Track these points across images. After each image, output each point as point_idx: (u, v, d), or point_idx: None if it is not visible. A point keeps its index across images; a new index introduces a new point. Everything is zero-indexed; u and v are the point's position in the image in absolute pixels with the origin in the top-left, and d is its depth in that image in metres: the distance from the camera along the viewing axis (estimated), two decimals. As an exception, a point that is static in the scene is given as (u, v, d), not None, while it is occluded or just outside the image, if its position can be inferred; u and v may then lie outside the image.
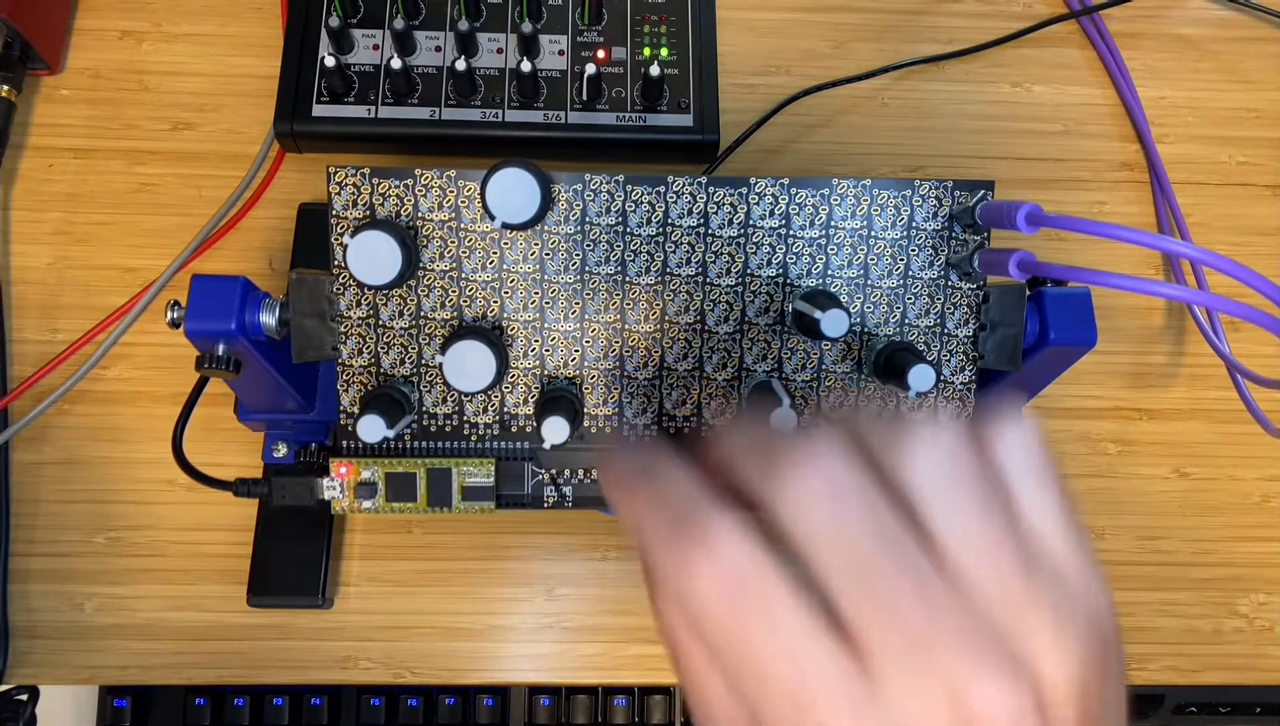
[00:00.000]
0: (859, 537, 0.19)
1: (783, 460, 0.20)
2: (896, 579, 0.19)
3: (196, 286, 0.36)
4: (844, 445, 0.20)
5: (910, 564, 0.19)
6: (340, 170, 0.36)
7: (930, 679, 0.18)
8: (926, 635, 0.19)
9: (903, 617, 0.19)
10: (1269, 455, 0.49)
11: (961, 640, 0.19)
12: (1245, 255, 0.52)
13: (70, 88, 0.50)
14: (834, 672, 0.19)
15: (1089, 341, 0.38)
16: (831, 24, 0.55)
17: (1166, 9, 0.56)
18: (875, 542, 0.19)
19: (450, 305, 0.37)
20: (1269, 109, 0.54)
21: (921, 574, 0.19)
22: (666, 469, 0.22)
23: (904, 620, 0.19)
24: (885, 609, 0.19)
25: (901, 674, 0.18)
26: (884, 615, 0.19)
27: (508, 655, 0.45)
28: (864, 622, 0.19)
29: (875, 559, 0.19)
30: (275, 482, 0.39)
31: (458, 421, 0.39)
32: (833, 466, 0.20)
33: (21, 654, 0.44)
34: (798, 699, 0.19)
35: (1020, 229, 0.34)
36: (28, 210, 0.49)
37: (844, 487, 0.19)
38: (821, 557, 0.19)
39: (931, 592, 0.19)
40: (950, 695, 0.18)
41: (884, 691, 0.19)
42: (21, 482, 0.45)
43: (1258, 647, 0.47)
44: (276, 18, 0.52)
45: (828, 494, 0.19)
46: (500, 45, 0.49)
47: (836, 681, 0.19)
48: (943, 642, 0.19)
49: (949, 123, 0.53)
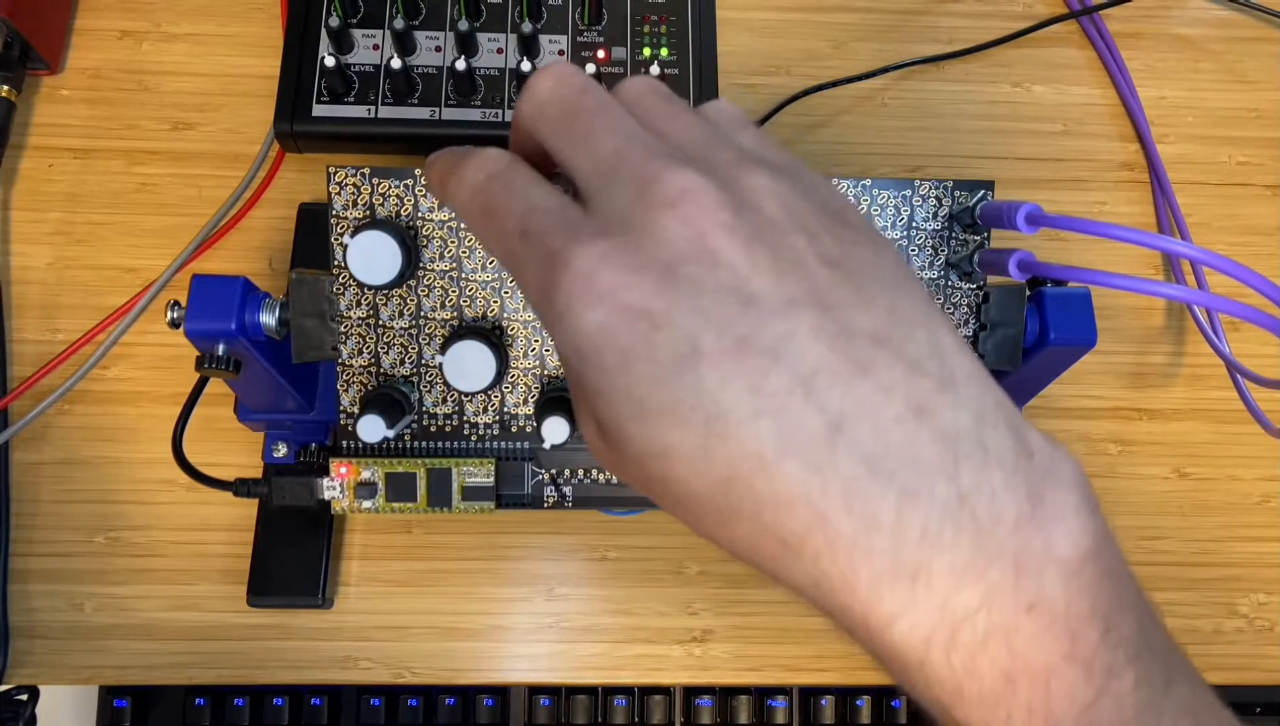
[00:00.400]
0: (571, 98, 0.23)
1: None
2: (598, 120, 0.22)
3: (196, 286, 0.36)
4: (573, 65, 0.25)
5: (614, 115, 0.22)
6: (340, 170, 0.36)
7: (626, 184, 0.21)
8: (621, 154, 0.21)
9: (603, 147, 0.22)
10: (1269, 455, 0.49)
11: (653, 152, 0.21)
12: (1245, 255, 0.52)
13: (70, 88, 0.50)
14: (554, 205, 0.22)
15: (1089, 341, 0.38)
16: (831, 24, 0.55)
17: (1166, 9, 0.56)
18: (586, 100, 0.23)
19: (450, 305, 0.37)
20: (1269, 109, 0.54)
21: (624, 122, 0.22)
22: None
23: (604, 149, 0.22)
24: (587, 144, 0.22)
25: (603, 187, 0.21)
26: (587, 149, 0.22)
27: (508, 655, 0.45)
28: (574, 161, 0.22)
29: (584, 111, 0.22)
30: (275, 482, 0.39)
31: (458, 421, 0.39)
32: (560, 64, 0.24)
33: (21, 654, 0.44)
34: (525, 231, 0.22)
35: (1020, 229, 0.34)
36: (28, 210, 0.49)
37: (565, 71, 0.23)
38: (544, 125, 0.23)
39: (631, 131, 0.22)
40: (643, 188, 0.20)
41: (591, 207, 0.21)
42: (21, 482, 0.45)
43: (1258, 647, 0.47)
44: (276, 18, 0.52)
45: (551, 78, 0.23)
46: (500, 45, 0.49)
47: (554, 210, 0.22)
48: (636, 155, 0.21)
49: (949, 123, 0.53)
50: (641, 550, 0.46)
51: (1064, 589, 0.18)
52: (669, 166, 0.20)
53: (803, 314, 0.19)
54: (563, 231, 0.21)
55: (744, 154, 0.22)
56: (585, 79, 0.23)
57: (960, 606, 0.18)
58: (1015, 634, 0.18)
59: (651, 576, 0.46)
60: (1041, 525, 0.18)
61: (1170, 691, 0.19)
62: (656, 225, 0.20)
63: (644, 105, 0.23)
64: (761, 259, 0.20)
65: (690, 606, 0.46)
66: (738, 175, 0.21)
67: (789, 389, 0.18)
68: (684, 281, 0.19)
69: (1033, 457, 0.19)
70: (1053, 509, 0.18)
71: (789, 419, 0.18)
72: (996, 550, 0.18)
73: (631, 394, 0.19)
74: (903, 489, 0.18)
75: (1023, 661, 0.18)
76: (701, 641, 0.46)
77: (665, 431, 0.19)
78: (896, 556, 0.18)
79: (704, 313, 0.19)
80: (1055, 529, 0.18)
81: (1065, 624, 0.18)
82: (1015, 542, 0.18)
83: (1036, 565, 0.18)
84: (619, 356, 0.19)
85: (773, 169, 0.21)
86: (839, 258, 0.20)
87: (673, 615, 0.46)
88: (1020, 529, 0.18)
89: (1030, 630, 0.18)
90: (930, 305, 0.21)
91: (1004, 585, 0.18)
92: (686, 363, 0.19)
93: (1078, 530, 0.18)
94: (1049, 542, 0.18)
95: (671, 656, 0.46)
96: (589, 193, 0.22)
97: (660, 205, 0.20)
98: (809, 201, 0.21)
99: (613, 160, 0.21)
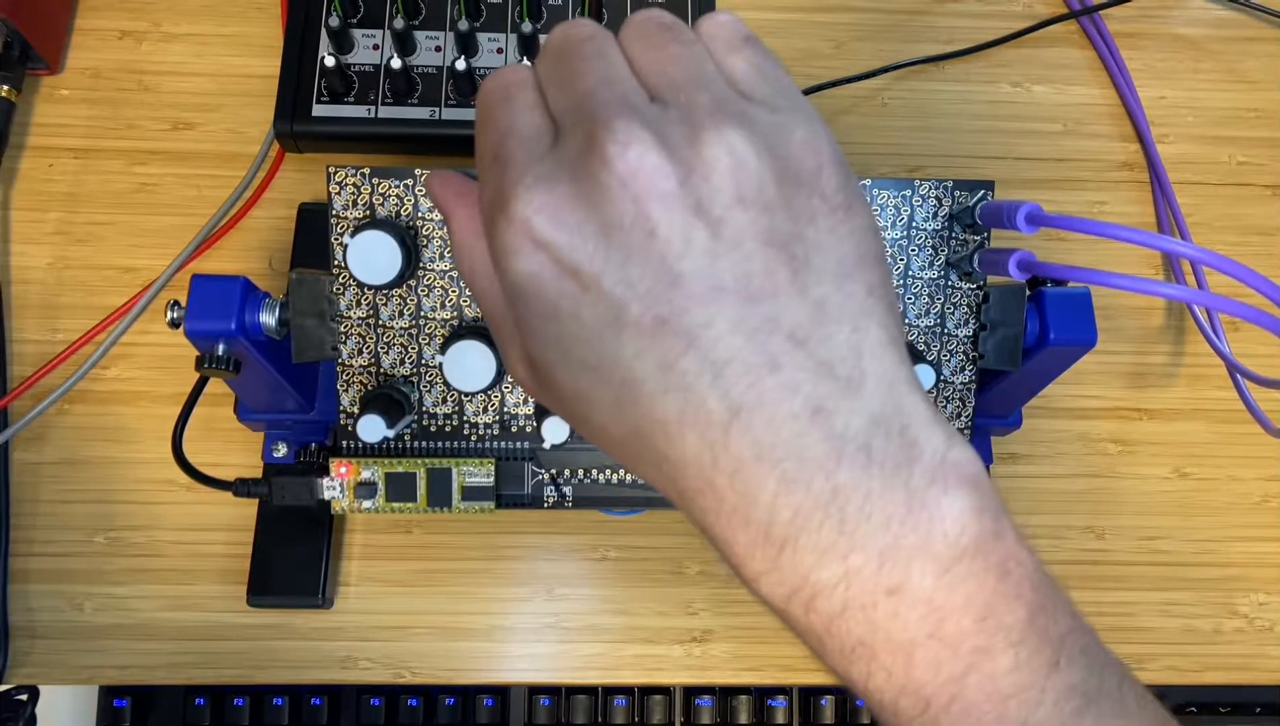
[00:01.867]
0: (571, 40, 0.23)
1: None
2: (583, 63, 0.22)
3: (196, 286, 0.36)
4: (592, 20, 0.24)
5: (600, 60, 0.22)
6: (340, 170, 0.36)
7: (585, 133, 0.21)
8: (591, 101, 0.21)
9: (579, 88, 0.22)
10: (1269, 455, 0.49)
11: (620, 106, 0.21)
12: (1245, 255, 0.52)
13: (70, 88, 0.50)
14: (530, 132, 0.22)
15: (1089, 341, 0.38)
16: (831, 24, 0.55)
17: (1166, 9, 0.56)
18: (581, 44, 0.23)
19: (450, 305, 0.37)
20: (1269, 109, 0.54)
21: (608, 67, 0.22)
22: None
23: (579, 90, 0.22)
24: (568, 82, 0.22)
25: (568, 129, 0.22)
26: (566, 88, 0.22)
27: (508, 655, 0.45)
28: (552, 96, 0.23)
29: (575, 53, 0.23)
30: (275, 482, 0.39)
31: (458, 421, 0.39)
32: (579, 19, 0.24)
33: (21, 654, 0.44)
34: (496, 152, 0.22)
35: (1020, 229, 0.34)
36: (28, 210, 0.49)
37: (578, 21, 0.24)
38: (541, 62, 0.23)
39: (611, 78, 0.22)
40: (599, 143, 0.20)
41: (555, 145, 0.22)
42: (21, 482, 0.45)
43: (1258, 647, 0.47)
44: (276, 18, 0.52)
45: (566, 24, 0.24)
46: (500, 45, 0.49)
47: (528, 138, 0.22)
48: (602, 105, 0.21)
49: (949, 123, 0.53)
50: (641, 550, 0.46)
51: (934, 579, 0.20)
52: (618, 119, 0.21)
53: (727, 303, 0.20)
54: (519, 167, 0.21)
55: (722, 98, 0.22)
56: (595, 28, 0.23)
57: (820, 579, 0.20)
58: (874, 609, 0.20)
59: (651, 576, 0.46)
60: (915, 525, 0.19)
61: (1056, 673, 0.20)
62: (600, 182, 0.20)
63: (639, 36, 0.23)
64: (697, 236, 0.20)
65: (690, 606, 0.46)
66: (701, 132, 0.21)
67: (698, 372, 0.20)
68: (616, 248, 0.20)
69: (917, 463, 0.20)
70: (932, 511, 0.20)
71: (693, 398, 0.20)
72: (860, 541, 0.19)
73: (559, 343, 0.21)
74: (783, 476, 0.19)
75: (883, 633, 0.20)
76: (701, 641, 0.46)
77: (586, 383, 0.21)
78: (768, 530, 0.20)
79: (630, 284, 0.20)
80: (931, 528, 0.20)
81: (931, 608, 0.20)
82: (884, 537, 0.19)
83: (904, 558, 0.19)
84: (548, 307, 0.21)
85: (746, 121, 0.21)
86: (787, 236, 0.20)
87: (672, 615, 0.46)
88: (890, 526, 0.19)
89: (890, 608, 0.20)
90: (871, 295, 0.21)
91: (865, 569, 0.20)
92: (609, 329, 0.20)
93: (955, 531, 0.20)
94: (922, 540, 0.19)
95: (671, 656, 0.46)
96: (558, 126, 0.22)
97: (604, 161, 0.20)
98: (773, 166, 0.21)
99: (580, 102, 0.22)
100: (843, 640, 0.20)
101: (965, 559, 0.20)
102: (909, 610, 0.20)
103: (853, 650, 0.20)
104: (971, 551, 0.20)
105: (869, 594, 0.20)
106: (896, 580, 0.19)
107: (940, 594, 0.20)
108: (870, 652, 0.20)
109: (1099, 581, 0.47)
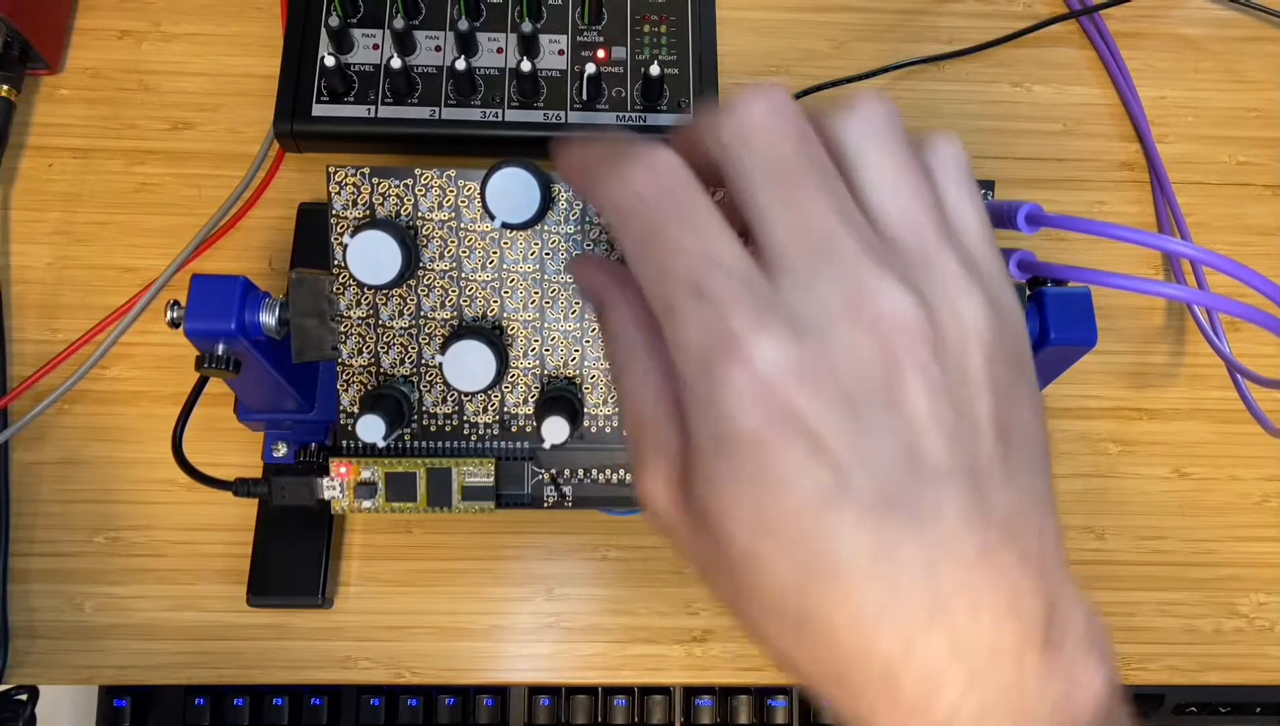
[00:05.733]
0: (785, 146, 0.20)
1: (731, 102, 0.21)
2: (814, 190, 0.19)
3: (196, 286, 0.36)
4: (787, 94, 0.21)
5: (829, 184, 0.20)
6: (340, 170, 0.36)
7: (833, 281, 0.19)
8: (834, 241, 0.19)
9: (814, 222, 0.19)
10: (1269, 455, 0.49)
11: (869, 254, 0.19)
12: (1245, 255, 0.52)
13: (70, 88, 0.50)
14: (737, 265, 0.19)
15: (1089, 341, 0.38)
16: (831, 24, 0.55)
17: (1166, 9, 0.56)
18: (801, 157, 0.20)
19: (450, 305, 0.37)
20: (1269, 109, 0.54)
21: (839, 196, 0.20)
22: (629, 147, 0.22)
23: (815, 225, 0.19)
24: (796, 211, 0.19)
25: (805, 272, 0.19)
26: (795, 217, 0.19)
27: (508, 655, 0.45)
28: (774, 222, 0.19)
29: (797, 169, 0.20)
30: (275, 482, 0.39)
31: (458, 421, 0.39)
32: (776, 93, 0.20)
33: (21, 654, 0.44)
34: (699, 286, 0.19)
35: (1020, 229, 0.34)
36: (28, 210, 0.49)
37: (782, 106, 0.20)
38: (746, 161, 0.20)
39: (845, 211, 0.19)
40: (851, 297, 0.19)
41: (784, 287, 0.19)
42: (21, 482, 0.45)
43: (1258, 647, 0.47)
44: (276, 17, 0.52)
45: (766, 108, 0.20)
46: (500, 45, 0.49)
47: (738, 273, 0.19)
48: (850, 250, 0.19)
49: (949, 123, 0.53)
50: (641, 550, 0.46)
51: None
52: (885, 281, 0.19)
53: (957, 488, 0.19)
54: (747, 310, 0.19)
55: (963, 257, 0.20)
56: (802, 121, 0.21)
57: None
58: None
59: (651, 576, 0.46)
60: (1073, 701, 0.19)
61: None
62: (854, 343, 0.19)
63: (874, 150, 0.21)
64: (945, 416, 0.19)
65: (690, 606, 0.46)
66: (952, 297, 0.19)
67: (912, 562, 0.18)
68: (862, 418, 0.18)
69: (1081, 635, 0.20)
70: (1085, 685, 0.19)
71: (901, 588, 0.18)
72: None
73: (758, 506, 0.19)
74: (972, 671, 0.19)
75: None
76: (701, 641, 0.46)
77: (770, 549, 0.19)
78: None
79: (867, 461, 0.18)
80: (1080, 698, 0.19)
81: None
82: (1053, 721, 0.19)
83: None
84: (760, 467, 0.19)
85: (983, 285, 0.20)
86: (1007, 425, 0.20)
87: (672, 615, 0.46)
88: (1058, 709, 0.19)
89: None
90: (1048, 478, 0.21)
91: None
92: (829, 504, 0.18)
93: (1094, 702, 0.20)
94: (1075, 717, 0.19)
95: (671, 656, 0.46)
96: (779, 262, 0.19)
97: (866, 324, 0.19)
98: (1004, 343, 0.20)
99: (821, 245, 0.19)
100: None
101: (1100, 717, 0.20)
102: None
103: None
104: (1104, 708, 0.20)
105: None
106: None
107: None
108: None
109: (1099, 581, 0.47)
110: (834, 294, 0.19)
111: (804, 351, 0.18)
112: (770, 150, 0.20)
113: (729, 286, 0.19)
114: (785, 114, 0.20)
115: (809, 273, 0.19)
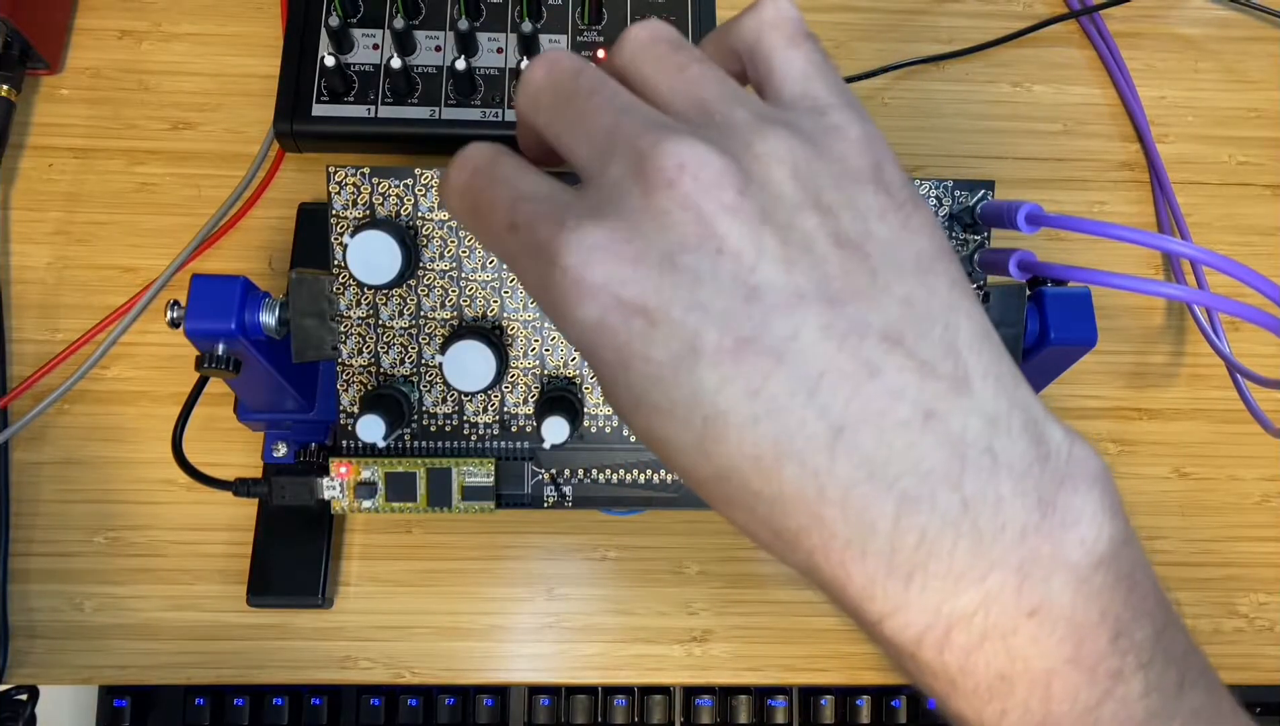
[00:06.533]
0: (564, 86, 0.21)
1: None
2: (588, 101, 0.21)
3: (196, 286, 0.36)
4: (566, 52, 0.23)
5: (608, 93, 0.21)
6: (340, 170, 0.36)
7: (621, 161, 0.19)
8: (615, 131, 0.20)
9: (597, 124, 0.20)
10: (1269, 455, 0.49)
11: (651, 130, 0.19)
12: (1245, 255, 0.52)
13: (70, 87, 0.50)
14: (539, 190, 0.20)
15: (1089, 341, 0.38)
16: (831, 24, 0.55)
17: (1166, 9, 0.56)
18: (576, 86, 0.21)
19: (450, 305, 0.37)
20: (1269, 109, 0.54)
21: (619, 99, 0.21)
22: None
23: (597, 126, 0.20)
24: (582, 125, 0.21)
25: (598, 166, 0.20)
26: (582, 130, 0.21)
27: (508, 655, 0.45)
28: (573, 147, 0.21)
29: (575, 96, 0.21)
30: (275, 482, 0.39)
31: (458, 421, 0.39)
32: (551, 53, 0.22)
33: (21, 654, 0.44)
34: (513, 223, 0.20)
35: (1020, 229, 0.34)
36: (28, 210, 0.49)
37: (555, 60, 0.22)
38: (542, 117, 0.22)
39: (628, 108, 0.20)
40: (638, 166, 0.19)
41: (586, 190, 0.20)
42: (21, 482, 0.45)
43: (1258, 647, 0.47)
44: (276, 17, 0.52)
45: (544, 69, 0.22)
46: (500, 45, 0.49)
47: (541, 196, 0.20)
48: (629, 130, 0.20)
49: (949, 123, 0.53)
50: (641, 550, 0.46)
51: (1072, 594, 0.18)
52: (666, 137, 0.19)
53: (810, 309, 0.18)
54: (552, 218, 0.19)
55: (762, 111, 0.20)
56: (578, 61, 0.22)
57: (956, 609, 0.18)
58: (1014, 636, 0.18)
59: (651, 576, 0.46)
60: (1050, 532, 0.18)
61: (1183, 697, 0.19)
62: (654, 207, 0.19)
63: (647, 61, 0.22)
64: (768, 243, 0.18)
65: (690, 606, 0.46)
66: (750, 138, 0.19)
67: (790, 392, 0.18)
68: (683, 272, 0.18)
69: (1047, 461, 0.18)
70: (1065, 515, 0.18)
71: (789, 422, 0.18)
72: (999, 557, 0.18)
73: (631, 388, 0.19)
74: (903, 495, 0.17)
75: (1022, 663, 0.18)
76: (701, 641, 0.46)
77: (663, 426, 0.19)
78: (891, 560, 0.18)
79: (703, 308, 0.18)
80: (1066, 535, 0.18)
81: (1070, 628, 0.18)
82: (1020, 551, 0.18)
83: (1043, 572, 0.18)
84: (615, 353, 0.19)
85: (793, 126, 0.20)
86: (857, 236, 0.19)
87: (672, 615, 0.46)
88: (1026, 537, 0.18)
89: (1031, 633, 0.18)
90: (954, 288, 0.19)
91: (1004, 591, 0.18)
92: (684, 363, 0.18)
93: (1091, 536, 0.18)
94: (1058, 549, 0.18)
95: (671, 656, 0.46)
96: (585, 175, 0.20)
97: (657, 183, 0.19)
98: (829, 166, 0.19)
99: (607, 137, 0.20)
100: (979, 678, 0.18)
101: (1101, 568, 0.18)
102: (1049, 633, 0.18)
103: (989, 688, 0.18)
104: (1107, 559, 0.18)
105: (1010, 618, 0.18)
106: (1036, 599, 0.18)
107: (1079, 610, 0.18)
108: (1009, 688, 0.18)
109: (1099, 581, 0.47)
110: (623, 170, 0.19)
111: (611, 232, 0.19)
112: (553, 91, 0.21)
113: (532, 209, 0.20)
114: (559, 59, 0.22)
115: (601, 165, 0.20)
